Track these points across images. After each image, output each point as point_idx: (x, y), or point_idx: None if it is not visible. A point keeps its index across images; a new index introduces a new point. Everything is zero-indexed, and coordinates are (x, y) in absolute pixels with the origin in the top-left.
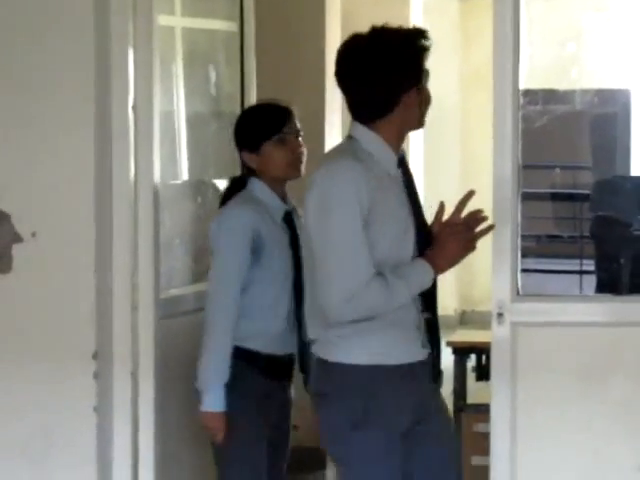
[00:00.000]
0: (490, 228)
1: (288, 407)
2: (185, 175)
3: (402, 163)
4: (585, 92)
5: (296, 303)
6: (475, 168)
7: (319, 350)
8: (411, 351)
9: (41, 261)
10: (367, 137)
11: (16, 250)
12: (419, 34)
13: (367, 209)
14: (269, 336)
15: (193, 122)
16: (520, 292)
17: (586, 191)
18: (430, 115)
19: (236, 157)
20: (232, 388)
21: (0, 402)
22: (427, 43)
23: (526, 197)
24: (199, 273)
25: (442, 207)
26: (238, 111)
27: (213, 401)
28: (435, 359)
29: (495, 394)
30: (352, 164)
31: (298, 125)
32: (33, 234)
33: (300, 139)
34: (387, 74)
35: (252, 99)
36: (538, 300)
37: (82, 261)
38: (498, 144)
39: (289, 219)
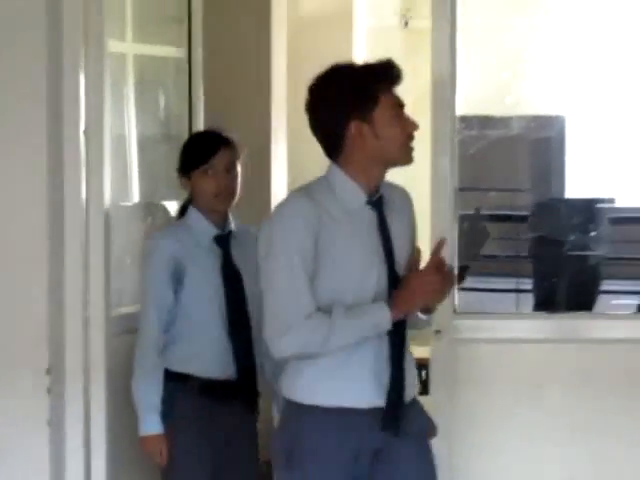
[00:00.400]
0: (453, 283)
1: (244, 429)
2: (136, 197)
3: (378, 203)
4: (521, 118)
5: (231, 326)
6: (415, 191)
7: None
8: (357, 396)
9: None
10: (334, 174)
11: None
12: (358, 68)
13: (313, 247)
14: (204, 359)
15: (143, 145)
16: (458, 310)
17: (523, 213)
18: None
19: None
20: (169, 411)
21: None
22: (367, 77)
23: (465, 219)
24: None
25: (419, 253)
26: (186, 135)
27: (149, 425)
28: (391, 408)
29: (434, 408)
30: (303, 202)
31: (236, 156)
32: None
33: (237, 170)
34: (322, 111)
35: (199, 123)
36: (476, 317)
37: (35, 279)
38: (436, 169)
39: (222, 244)
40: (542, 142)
